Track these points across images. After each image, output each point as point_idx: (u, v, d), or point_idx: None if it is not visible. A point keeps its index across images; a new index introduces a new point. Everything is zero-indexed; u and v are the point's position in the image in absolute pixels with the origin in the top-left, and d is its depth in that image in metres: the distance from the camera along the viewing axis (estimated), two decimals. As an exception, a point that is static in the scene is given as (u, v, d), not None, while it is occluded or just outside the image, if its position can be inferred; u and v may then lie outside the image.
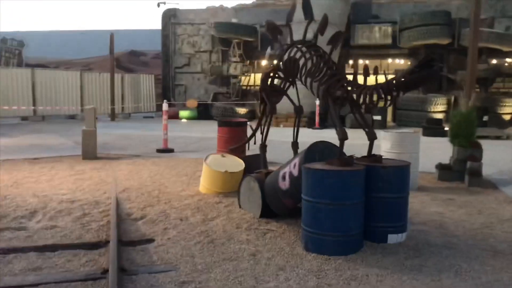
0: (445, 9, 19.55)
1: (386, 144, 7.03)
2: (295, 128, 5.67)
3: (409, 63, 20.51)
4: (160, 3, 23.11)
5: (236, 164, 6.45)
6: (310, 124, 17.79)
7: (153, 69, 32.90)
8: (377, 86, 4.18)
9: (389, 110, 20.11)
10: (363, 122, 4.65)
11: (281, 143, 12.92)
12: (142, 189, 6.64)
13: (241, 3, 24.11)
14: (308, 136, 15.05)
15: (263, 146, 5.81)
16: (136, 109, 23.24)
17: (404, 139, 6.93)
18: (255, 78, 21.90)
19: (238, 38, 21.53)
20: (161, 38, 24.08)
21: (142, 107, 23.63)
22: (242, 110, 20.79)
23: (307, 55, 4.93)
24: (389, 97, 4.18)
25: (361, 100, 4.37)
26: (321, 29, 4.92)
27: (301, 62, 4.98)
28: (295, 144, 5.68)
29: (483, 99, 17.82)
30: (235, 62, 21.90)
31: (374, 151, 4.64)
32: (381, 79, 4.25)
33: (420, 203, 6.16)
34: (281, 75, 5.48)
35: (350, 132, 4.87)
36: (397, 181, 4.37)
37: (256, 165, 6.21)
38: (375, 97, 4.24)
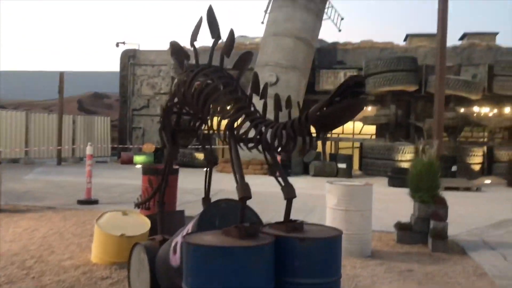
0: (412, 55, 19.02)
1: (331, 199, 5.78)
2: (206, 181, 4.39)
3: (376, 109, 19.72)
4: (119, 43, 22.09)
5: (140, 224, 5.09)
6: (271, 172, 16.56)
7: (117, 111, 31.60)
8: (286, 123, 2.97)
9: (355, 157, 19.12)
10: (278, 173, 3.41)
11: (230, 195, 11.58)
12: (19, 255, 5.17)
13: (206, 45, 23.24)
14: (265, 186, 13.89)
15: (161, 204, 4.48)
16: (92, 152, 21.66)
17: (353, 194, 5.69)
18: (219, 122, 20.72)
19: (200, 81, 20.48)
20: (119, 79, 22.91)
21: (96, 151, 22.03)
22: (201, 156, 19.47)
23: (210, 82, 3.73)
24: (307, 139, 2.96)
25: (271, 142, 3.15)
26: (227, 49, 3.74)
27: (206, 91, 3.76)
28: (205, 201, 4.39)
29: (452, 148, 16.99)
30: (195, 105, 20.77)
31: (319, 206, 3.36)
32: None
33: (370, 277, 4.87)
34: (188, 109, 4.25)
35: (314, 180, 3.59)
36: (322, 260, 3.05)
37: (171, 225, 4.88)
38: (284, 139, 3.02)
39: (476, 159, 17.20)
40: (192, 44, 4.15)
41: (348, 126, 21.48)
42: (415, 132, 19.36)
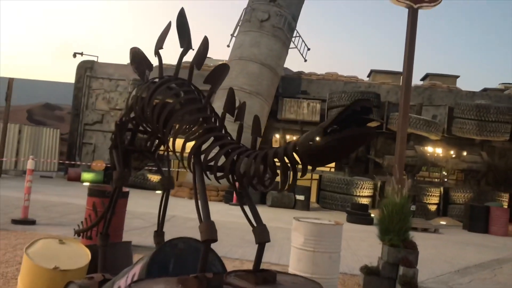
0: (375, 91, 19.10)
1: (297, 238, 5.23)
2: (161, 211, 3.75)
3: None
4: (77, 53, 21.11)
5: (78, 255, 4.34)
6: (227, 199, 15.91)
7: (68, 125, 30.16)
8: (266, 153, 2.44)
9: (313, 189, 18.77)
10: (250, 210, 2.85)
11: (185, 220, 11.16)
12: None
13: (168, 62, 22.59)
14: (220, 214, 13.23)
15: (104, 236, 3.79)
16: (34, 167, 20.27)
17: (322, 233, 5.16)
18: (183, 144, 19.98)
19: (157, 98, 19.76)
20: (73, 91, 21.81)
21: (41, 165, 20.69)
22: (154, 178, 18.59)
23: (175, 98, 3.16)
24: (289, 173, 2.43)
25: (246, 173, 2.59)
26: (198, 60, 3.19)
27: (169, 107, 3.17)
28: (158, 236, 3.75)
29: (411, 187, 16.95)
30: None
31: (277, 241, 2.78)
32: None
33: (338, 330, 4.31)
34: (146, 127, 3.64)
35: (271, 211, 2.99)
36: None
37: (115, 259, 4.20)
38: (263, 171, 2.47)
39: (433, 199, 17.21)
40: (156, 52, 3.57)
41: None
42: (373, 168, 19.30)
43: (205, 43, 3.15)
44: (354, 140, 2.06)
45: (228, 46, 20.03)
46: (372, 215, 14.23)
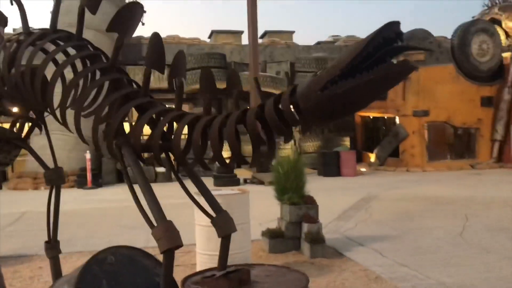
0: (220, 52, 18.81)
1: (203, 215, 4.63)
2: (50, 215, 2.84)
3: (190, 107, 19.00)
4: None
5: None
6: (81, 184, 14.28)
7: None
8: (253, 110, 1.83)
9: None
10: (203, 196, 2.21)
11: (41, 215, 9.36)
12: None
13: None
14: (78, 202, 11.77)
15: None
16: None
17: (229, 205, 4.60)
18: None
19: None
20: None
21: None
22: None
23: (62, 61, 2.28)
24: (274, 138, 1.86)
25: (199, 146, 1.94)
26: (91, 1, 2.34)
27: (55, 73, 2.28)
28: (53, 248, 2.84)
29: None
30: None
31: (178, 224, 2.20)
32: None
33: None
34: (10, 104, 2.66)
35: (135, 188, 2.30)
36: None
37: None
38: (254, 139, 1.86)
39: (287, 152, 17.88)
40: (16, -1, 2.56)
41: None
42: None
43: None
44: (387, 81, 1.55)
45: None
46: (237, 176, 14.19)
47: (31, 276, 5.03)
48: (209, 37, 22.11)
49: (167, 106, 2.23)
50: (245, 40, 20.95)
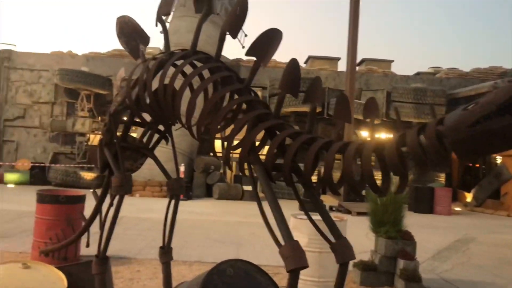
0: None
1: (299, 239, 4.63)
2: (166, 223, 3.01)
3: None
4: (-9, 41, 18.92)
5: (51, 281, 3.48)
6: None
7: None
8: (397, 140, 1.84)
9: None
10: (324, 220, 2.23)
11: (137, 221, 10.19)
12: None
13: (94, 51, 21.00)
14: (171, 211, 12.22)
15: (102, 260, 2.98)
16: None
17: (327, 230, 4.62)
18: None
19: (88, 89, 18.30)
20: (-11, 84, 19.63)
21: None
22: (88, 175, 17.17)
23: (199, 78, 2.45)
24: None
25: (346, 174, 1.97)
26: (232, 25, 2.48)
27: (186, 91, 2.45)
28: (166, 253, 3.01)
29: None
30: (83, 117, 18.47)
31: (244, 237, 2.20)
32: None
33: None
34: (144, 117, 2.88)
35: (219, 204, 2.35)
36: None
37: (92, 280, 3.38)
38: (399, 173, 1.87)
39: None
40: (160, 20, 2.81)
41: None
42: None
43: (243, 3, 2.43)
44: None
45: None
46: (323, 202, 14.02)
47: (131, 278, 5.32)
48: (305, 62, 22.34)
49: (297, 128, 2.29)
50: (341, 67, 20.93)
